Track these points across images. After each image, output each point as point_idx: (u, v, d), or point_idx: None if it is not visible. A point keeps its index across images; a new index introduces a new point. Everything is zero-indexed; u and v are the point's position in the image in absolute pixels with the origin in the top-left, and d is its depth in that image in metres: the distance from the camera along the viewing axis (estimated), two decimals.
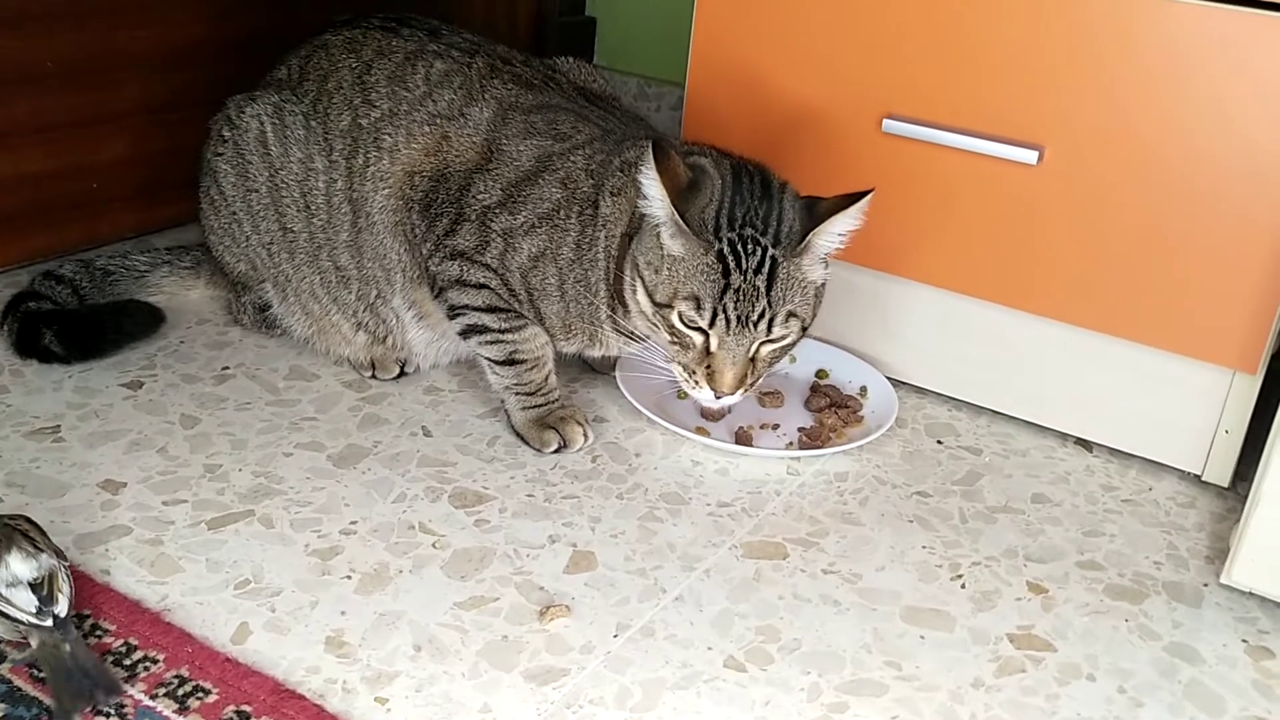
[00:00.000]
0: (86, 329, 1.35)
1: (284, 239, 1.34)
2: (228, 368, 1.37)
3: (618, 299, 1.19)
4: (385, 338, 1.36)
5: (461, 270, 1.25)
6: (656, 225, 1.12)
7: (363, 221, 1.29)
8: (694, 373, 1.14)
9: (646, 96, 2.19)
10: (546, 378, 1.29)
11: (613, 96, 1.37)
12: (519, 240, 1.22)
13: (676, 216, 1.09)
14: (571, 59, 1.38)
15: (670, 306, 1.12)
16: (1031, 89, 1.24)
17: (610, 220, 1.19)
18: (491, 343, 1.27)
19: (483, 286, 1.25)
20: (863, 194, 1.12)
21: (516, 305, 1.25)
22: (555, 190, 1.22)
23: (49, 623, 0.89)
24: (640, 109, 2.19)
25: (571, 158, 1.22)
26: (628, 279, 1.16)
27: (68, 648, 0.89)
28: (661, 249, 1.12)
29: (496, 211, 1.22)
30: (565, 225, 1.21)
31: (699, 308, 1.11)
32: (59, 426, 1.22)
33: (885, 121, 1.31)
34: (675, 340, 1.14)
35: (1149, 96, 1.19)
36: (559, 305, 1.24)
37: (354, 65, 1.30)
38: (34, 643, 0.90)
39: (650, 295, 1.13)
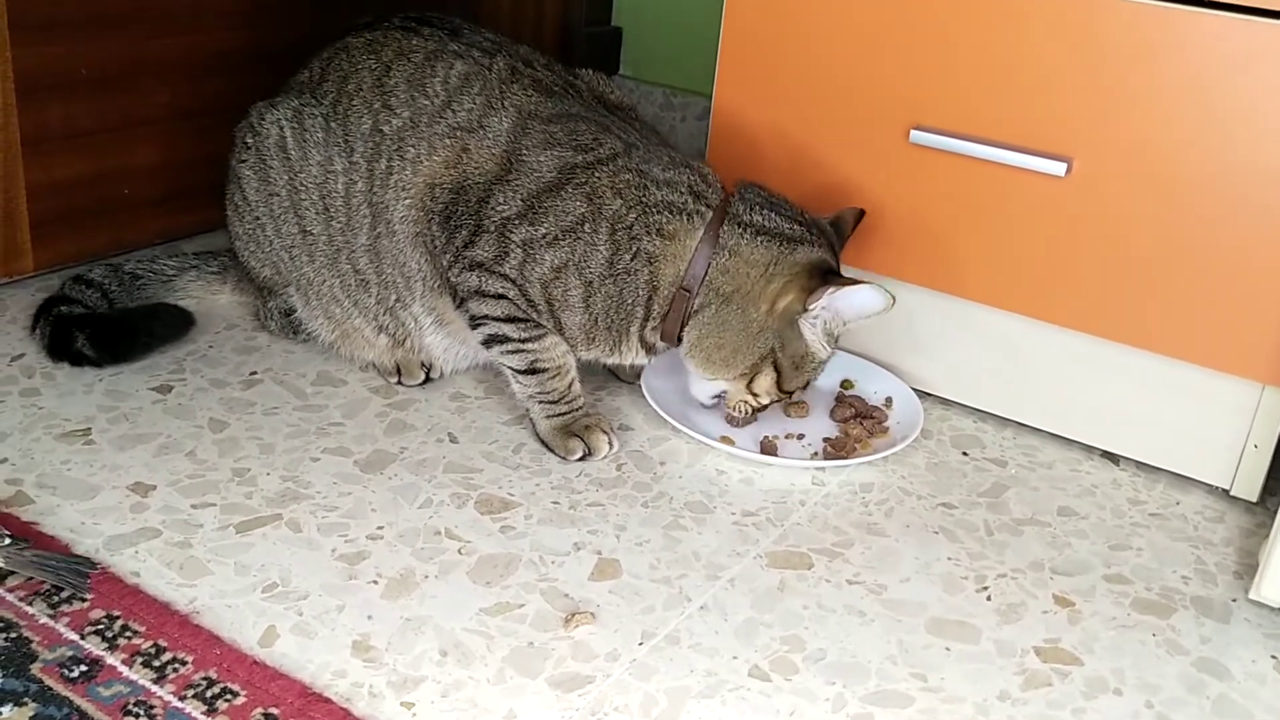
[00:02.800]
0: (118, 332, 1.36)
1: (304, 242, 1.35)
2: (256, 373, 1.38)
3: (661, 331, 1.26)
4: (404, 340, 1.37)
5: (480, 281, 1.25)
6: (802, 319, 1.23)
7: (382, 228, 1.30)
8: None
9: (672, 107, 2.20)
10: (570, 386, 1.30)
11: (630, 106, 1.38)
12: (540, 251, 1.22)
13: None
14: (589, 71, 1.38)
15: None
16: (1060, 101, 1.24)
17: (659, 258, 1.22)
18: (513, 352, 1.28)
19: (501, 297, 1.25)
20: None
21: (535, 315, 1.26)
22: (579, 204, 1.22)
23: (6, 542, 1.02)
24: (666, 119, 2.20)
25: (596, 172, 1.23)
26: (748, 368, 1.25)
27: (26, 551, 1.01)
28: (805, 344, 1.25)
29: (516, 223, 1.23)
30: (594, 241, 1.22)
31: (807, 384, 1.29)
32: (90, 429, 1.24)
33: (913, 132, 1.31)
34: (754, 394, 1.29)
35: (1177, 108, 1.19)
36: (583, 317, 1.24)
37: (374, 67, 1.31)
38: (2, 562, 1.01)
39: (779, 384, 1.26)
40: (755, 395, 1.28)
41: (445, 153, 1.26)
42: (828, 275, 1.22)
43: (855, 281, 1.20)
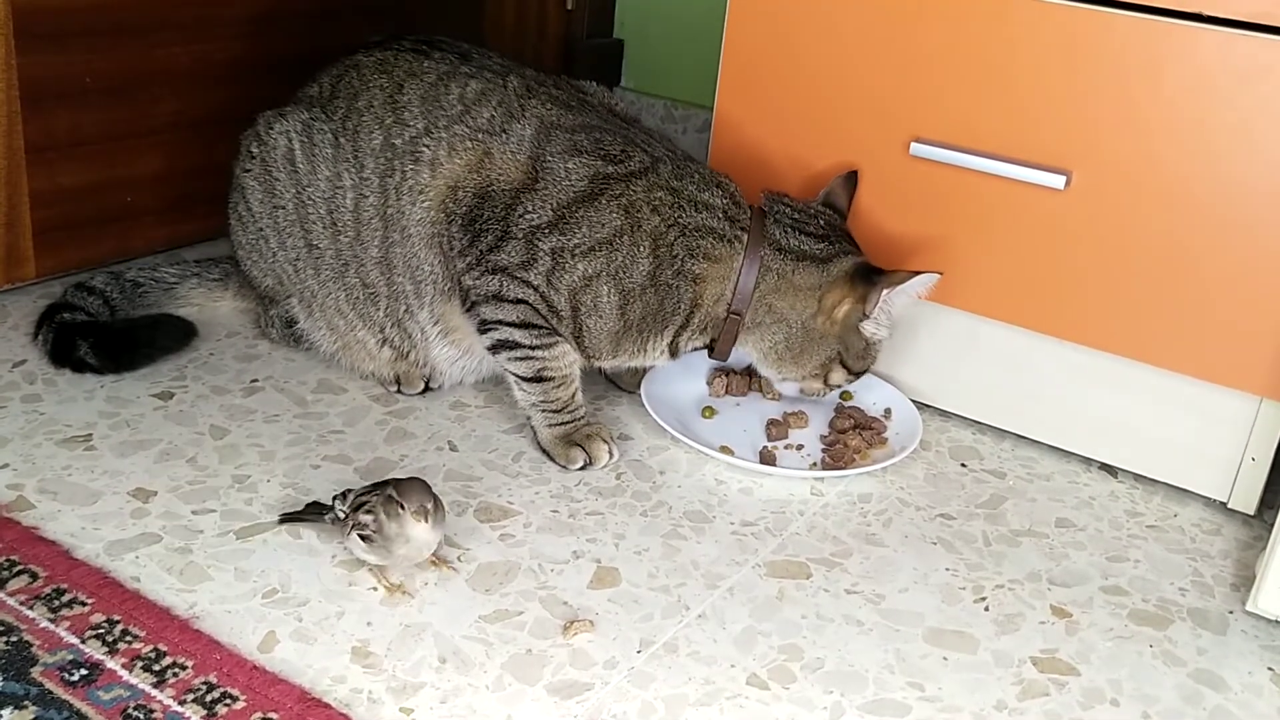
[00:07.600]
0: (121, 341, 1.37)
1: (309, 256, 1.36)
2: (257, 380, 1.39)
3: (715, 350, 1.30)
4: (409, 353, 1.38)
5: (501, 285, 1.26)
6: (864, 322, 1.28)
7: (395, 235, 1.30)
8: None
9: (673, 119, 2.21)
10: (573, 395, 1.30)
11: (634, 118, 1.39)
12: (573, 261, 1.23)
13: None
14: (594, 84, 1.40)
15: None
16: (1060, 114, 1.25)
17: (704, 279, 1.26)
18: (521, 359, 1.28)
19: (520, 302, 1.26)
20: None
21: (554, 323, 1.26)
22: (616, 217, 1.23)
23: None
24: (667, 131, 2.21)
25: (632, 186, 1.24)
26: (819, 367, 1.31)
27: None
28: (866, 339, 1.30)
29: (547, 231, 1.24)
30: (635, 253, 1.23)
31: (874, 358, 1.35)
32: (91, 435, 1.24)
33: (913, 145, 1.32)
34: (829, 385, 1.34)
35: (1177, 123, 1.20)
36: (615, 324, 1.25)
37: (385, 85, 1.32)
38: None
39: (849, 370, 1.32)
40: (829, 384, 1.33)
41: (467, 155, 1.27)
42: (870, 276, 1.27)
43: (903, 276, 1.25)
